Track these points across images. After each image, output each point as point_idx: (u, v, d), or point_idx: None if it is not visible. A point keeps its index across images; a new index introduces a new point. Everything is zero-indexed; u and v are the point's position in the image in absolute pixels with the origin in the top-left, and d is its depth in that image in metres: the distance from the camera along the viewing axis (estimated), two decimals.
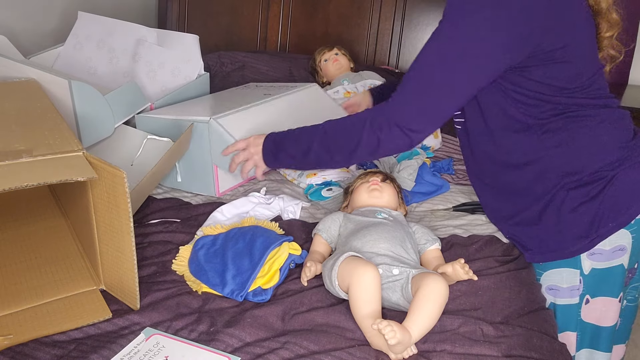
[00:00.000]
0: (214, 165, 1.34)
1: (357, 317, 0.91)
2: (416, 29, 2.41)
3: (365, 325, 0.89)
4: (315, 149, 1.13)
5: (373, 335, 0.87)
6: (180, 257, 1.09)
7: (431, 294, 0.88)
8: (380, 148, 1.07)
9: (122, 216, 0.89)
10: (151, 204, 1.31)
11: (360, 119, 1.09)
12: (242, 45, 2.51)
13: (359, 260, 0.94)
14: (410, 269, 0.96)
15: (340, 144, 1.11)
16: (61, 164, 0.89)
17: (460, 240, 1.20)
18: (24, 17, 1.88)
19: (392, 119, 1.04)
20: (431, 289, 0.88)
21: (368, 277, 0.89)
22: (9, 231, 1.17)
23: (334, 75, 2.09)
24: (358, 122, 1.09)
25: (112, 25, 1.72)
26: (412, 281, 0.93)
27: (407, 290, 0.93)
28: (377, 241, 1.03)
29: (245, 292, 0.99)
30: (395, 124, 1.04)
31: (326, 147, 1.13)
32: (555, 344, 0.93)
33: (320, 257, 1.09)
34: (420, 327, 0.86)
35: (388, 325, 0.80)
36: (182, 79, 1.65)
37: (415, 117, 1.04)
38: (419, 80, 1.03)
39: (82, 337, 0.89)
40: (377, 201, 1.19)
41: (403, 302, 0.95)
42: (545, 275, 1.12)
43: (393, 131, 1.04)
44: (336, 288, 0.95)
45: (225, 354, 0.85)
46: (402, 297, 0.95)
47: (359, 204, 1.21)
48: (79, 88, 1.35)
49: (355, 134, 1.08)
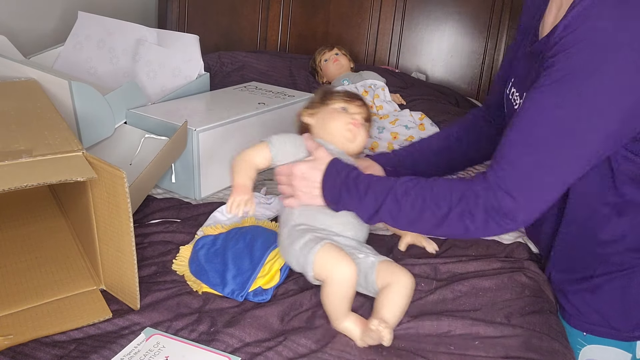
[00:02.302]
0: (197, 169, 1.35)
1: (331, 307, 0.91)
2: (416, 29, 2.41)
3: (340, 315, 0.90)
4: (381, 217, 0.94)
5: (343, 323, 0.89)
6: (181, 257, 1.09)
7: (405, 290, 0.91)
8: (469, 235, 0.90)
9: (122, 216, 0.89)
10: (151, 204, 1.31)
11: (445, 199, 0.88)
12: (242, 45, 2.51)
13: (338, 252, 0.91)
14: (372, 255, 0.97)
15: (412, 222, 0.92)
16: (61, 164, 0.89)
17: (460, 242, 1.19)
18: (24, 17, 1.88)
19: (489, 204, 0.84)
20: (405, 285, 0.91)
21: (350, 274, 0.89)
22: (9, 231, 1.17)
23: (334, 75, 2.09)
24: (442, 204, 0.88)
25: (112, 25, 1.72)
26: (377, 272, 0.93)
27: (370, 279, 0.94)
28: (346, 225, 1.02)
29: (246, 292, 0.99)
30: (495, 210, 0.84)
31: (395, 219, 0.93)
32: (555, 345, 0.93)
33: (252, 176, 1.02)
34: (395, 322, 0.91)
35: (386, 329, 0.84)
36: (182, 79, 1.65)
37: (523, 205, 0.83)
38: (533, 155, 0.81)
39: (82, 337, 0.89)
40: (349, 145, 1.09)
41: (360, 288, 0.97)
42: (588, 349, 1.01)
43: (489, 223, 0.86)
44: (309, 275, 0.94)
45: (226, 354, 0.85)
46: (362, 284, 0.96)
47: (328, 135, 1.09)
48: (79, 88, 1.35)
49: (436, 217, 0.89)
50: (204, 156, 1.35)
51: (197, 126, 1.31)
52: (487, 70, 2.39)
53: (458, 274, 1.08)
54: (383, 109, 1.87)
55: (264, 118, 1.50)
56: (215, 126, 1.36)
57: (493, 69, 2.38)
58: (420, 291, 1.03)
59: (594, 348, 1.00)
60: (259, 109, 1.49)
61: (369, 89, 1.95)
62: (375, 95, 1.92)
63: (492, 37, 2.35)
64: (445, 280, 1.06)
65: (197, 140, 1.31)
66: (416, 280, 1.05)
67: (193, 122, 1.34)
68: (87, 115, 1.37)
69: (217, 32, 2.50)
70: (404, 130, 1.71)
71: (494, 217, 0.85)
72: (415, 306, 0.98)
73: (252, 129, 1.47)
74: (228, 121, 1.39)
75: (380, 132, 1.70)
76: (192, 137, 1.31)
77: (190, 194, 1.38)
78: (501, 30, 2.34)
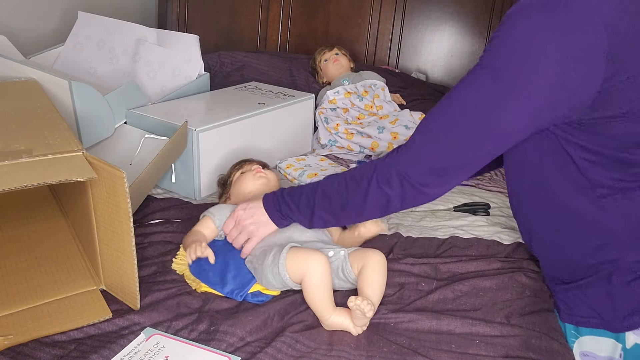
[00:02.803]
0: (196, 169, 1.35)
1: (316, 302, 0.92)
2: (416, 29, 2.41)
3: (327, 310, 0.91)
4: (318, 214, 1.00)
5: (332, 316, 0.91)
6: (181, 256, 1.09)
7: (378, 265, 0.96)
8: (391, 205, 0.96)
9: (122, 216, 0.89)
10: (151, 204, 1.31)
11: (363, 175, 0.96)
12: (242, 45, 2.51)
13: (305, 249, 0.96)
14: (339, 249, 1.00)
15: (343, 206, 0.98)
16: (61, 164, 0.89)
17: (460, 242, 1.19)
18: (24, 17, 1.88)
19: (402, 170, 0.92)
20: (377, 262, 0.97)
21: (324, 264, 0.93)
22: (9, 231, 1.17)
23: (334, 75, 2.09)
24: (361, 180, 0.96)
25: (112, 25, 1.72)
26: (351, 261, 0.98)
27: (347, 270, 0.98)
28: (302, 230, 1.05)
29: (245, 292, 0.99)
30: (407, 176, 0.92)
31: (330, 211, 1.00)
32: (554, 345, 0.93)
33: (204, 239, 1.08)
34: (377, 298, 0.95)
35: (364, 300, 0.86)
36: (182, 79, 1.65)
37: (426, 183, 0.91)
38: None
39: (82, 337, 0.89)
40: (266, 188, 1.18)
41: (343, 283, 1.00)
42: (580, 341, 1.01)
43: (405, 187, 0.92)
44: (287, 281, 0.95)
45: (226, 353, 0.85)
46: (343, 278, 0.99)
47: (246, 192, 1.20)
48: (79, 88, 1.35)
49: (360, 194, 0.96)
50: (204, 156, 1.35)
51: (197, 126, 1.31)
52: None
53: (458, 273, 1.08)
54: (383, 109, 1.87)
55: (264, 118, 1.50)
56: (215, 126, 1.36)
57: None
58: (421, 291, 1.03)
59: (586, 339, 1.02)
60: (259, 109, 1.49)
61: (369, 89, 1.95)
62: (375, 95, 1.92)
63: None
64: (445, 280, 1.06)
65: (197, 140, 1.31)
66: (416, 280, 1.05)
67: (193, 122, 1.34)
68: (87, 115, 1.37)
69: (217, 32, 2.50)
70: (404, 130, 1.71)
71: (409, 181, 0.92)
72: (415, 305, 0.99)
73: (252, 129, 1.47)
74: (228, 121, 1.40)
75: (380, 132, 1.70)
76: (192, 137, 1.31)
77: (190, 194, 1.38)
78: None
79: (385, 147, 1.67)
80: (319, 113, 1.81)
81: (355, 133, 1.72)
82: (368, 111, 1.88)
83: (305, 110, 1.67)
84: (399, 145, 0.98)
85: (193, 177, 1.35)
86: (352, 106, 1.88)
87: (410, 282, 1.05)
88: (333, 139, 1.74)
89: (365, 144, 1.70)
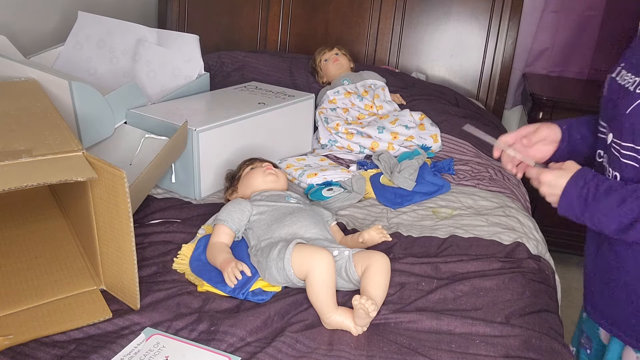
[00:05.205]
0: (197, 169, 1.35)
1: (319, 300, 0.92)
2: (416, 29, 2.41)
3: (329, 308, 0.91)
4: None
5: (333, 315, 0.91)
6: (182, 255, 1.09)
7: (382, 267, 0.97)
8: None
9: (122, 216, 0.89)
10: (151, 204, 1.31)
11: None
12: (242, 45, 2.51)
13: (311, 246, 0.97)
14: (343, 249, 1.01)
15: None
16: (61, 164, 0.89)
17: (460, 241, 1.19)
18: (24, 17, 1.88)
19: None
20: (382, 264, 0.97)
21: (329, 261, 0.93)
22: (9, 231, 1.17)
23: (334, 75, 2.09)
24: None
25: (112, 25, 1.72)
26: (355, 261, 0.99)
27: (351, 271, 0.98)
28: (308, 227, 1.06)
29: (247, 291, 0.99)
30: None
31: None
32: (554, 345, 0.93)
33: (229, 252, 1.07)
34: (380, 299, 0.96)
35: (369, 300, 0.87)
36: (182, 79, 1.64)
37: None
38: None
39: (82, 337, 0.89)
40: (275, 185, 1.22)
41: (345, 283, 1.00)
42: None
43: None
44: (291, 276, 0.96)
45: (226, 353, 0.85)
46: (346, 278, 0.99)
47: (254, 188, 1.22)
48: (79, 88, 1.35)
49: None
50: (204, 156, 1.35)
51: (197, 126, 1.31)
52: (487, 70, 2.38)
53: (459, 273, 1.08)
54: (383, 109, 1.87)
55: (264, 118, 1.50)
56: (215, 126, 1.36)
57: (493, 69, 2.38)
58: (421, 290, 1.03)
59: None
60: (259, 109, 1.49)
61: (369, 89, 1.94)
62: (375, 95, 1.91)
63: (492, 37, 2.35)
64: (446, 280, 1.06)
65: (197, 140, 1.31)
66: (417, 280, 1.05)
67: (193, 122, 1.33)
68: (87, 115, 1.37)
69: (217, 32, 2.50)
70: (404, 130, 1.71)
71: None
72: (416, 305, 0.99)
73: (252, 129, 1.47)
74: (228, 121, 1.39)
75: (380, 132, 1.70)
76: (192, 137, 1.31)
77: (190, 194, 1.38)
78: (501, 30, 2.34)
79: (385, 147, 1.67)
80: (319, 113, 1.81)
81: (355, 133, 1.72)
82: (368, 111, 1.87)
83: (305, 110, 1.67)
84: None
85: (193, 177, 1.35)
86: (352, 106, 1.88)
87: (410, 281, 1.05)
88: (333, 139, 1.73)
89: (365, 144, 1.70)
